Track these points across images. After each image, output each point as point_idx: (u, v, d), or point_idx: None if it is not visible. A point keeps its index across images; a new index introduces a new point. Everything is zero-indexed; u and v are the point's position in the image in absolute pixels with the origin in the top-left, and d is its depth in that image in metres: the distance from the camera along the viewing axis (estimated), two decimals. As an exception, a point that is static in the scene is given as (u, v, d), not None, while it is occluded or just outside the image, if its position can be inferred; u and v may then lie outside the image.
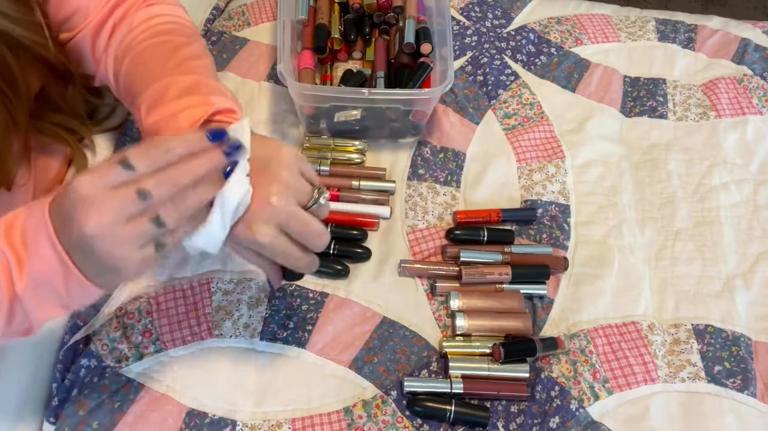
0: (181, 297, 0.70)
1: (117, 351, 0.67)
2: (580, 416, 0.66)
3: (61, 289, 0.45)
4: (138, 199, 0.41)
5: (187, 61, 0.57)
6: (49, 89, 0.61)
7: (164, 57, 0.57)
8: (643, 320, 0.74)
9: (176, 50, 0.58)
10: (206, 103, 0.52)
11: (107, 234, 0.41)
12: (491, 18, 0.99)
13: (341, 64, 0.92)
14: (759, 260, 0.80)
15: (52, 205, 0.44)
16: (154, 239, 0.44)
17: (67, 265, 0.43)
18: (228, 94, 0.56)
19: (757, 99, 0.93)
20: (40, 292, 0.45)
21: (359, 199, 0.79)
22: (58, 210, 0.43)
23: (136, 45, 0.59)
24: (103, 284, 0.46)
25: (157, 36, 0.60)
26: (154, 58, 0.58)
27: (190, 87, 0.54)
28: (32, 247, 0.44)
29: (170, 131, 0.51)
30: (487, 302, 0.72)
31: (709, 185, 0.85)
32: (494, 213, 0.79)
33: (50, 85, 0.61)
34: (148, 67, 0.57)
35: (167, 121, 0.52)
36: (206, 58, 0.60)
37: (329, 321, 0.70)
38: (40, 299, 0.45)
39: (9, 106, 0.54)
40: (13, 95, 0.54)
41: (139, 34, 0.60)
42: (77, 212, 0.41)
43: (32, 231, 0.44)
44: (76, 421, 0.63)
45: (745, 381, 0.70)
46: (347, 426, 0.65)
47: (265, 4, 0.97)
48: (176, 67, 0.56)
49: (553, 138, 0.87)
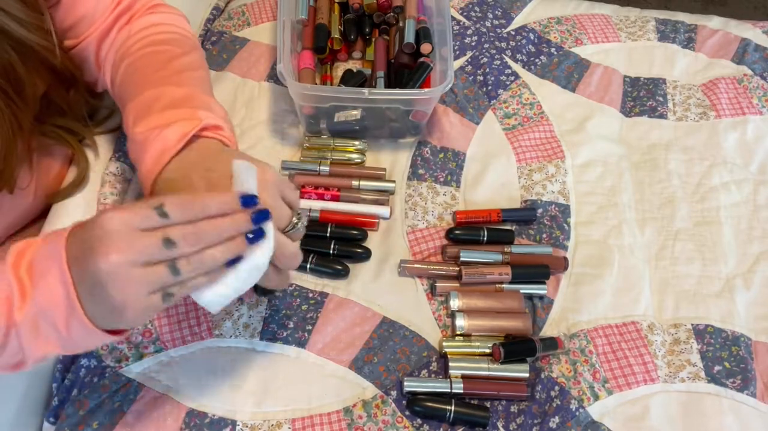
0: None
1: (117, 351, 0.67)
2: (580, 416, 0.66)
3: (61, 325, 0.44)
4: (162, 246, 0.42)
5: (181, 73, 0.58)
6: (53, 93, 0.62)
7: (157, 67, 0.58)
8: (643, 320, 0.74)
9: (170, 61, 0.59)
10: (194, 117, 0.53)
11: (122, 273, 0.41)
12: (491, 18, 0.99)
13: (341, 64, 0.92)
14: (759, 260, 0.80)
15: (71, 236, 0.44)
16: (164, 289, 0.44)
17: (72, 299, 0.43)
18: (217, 110, 0.56)
19: (757, 99, 0.93)
20: (39, 325, 0.44)
21: (359, 199, 0.79)
22: (78, 240, 0.43)
23: (132, 53, 0.60)
24: (103, 328, 0.45)
25: (154, 45, 0.60)
26: (147, 66, 0.58)
27: (180, 99, 0.54)
28: (39, 277, 0.44)
29: (157, 143, 0.51)
30: (487, 302, 0.72)
31: (709, 185, 0.85)
32: (494, 213, 0.79)
33: (54, 89, 0.61)
34: (141, 75, 0.58)
35: (154, 132, 0.52)
36: (201, 71, 0.61)
37: (329, 321, 0.70)
38: (38, 332, 0.45)
39: (15, 110, 0.54)
40: (19, 99, 0.55)
41: (137, 42, 0.61)
42: (100, 244, 0.41)
43: (43, 261, 0.44)
44: (76, 421, 0.63)
45: (745, 381, 0.70)
46: (347, 426, 0.65)
47: (265, 4, 0.97)
48: (168, 77, 0.57)
49: (553, 138, 0.87)
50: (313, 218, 0.77)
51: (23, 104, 0.55)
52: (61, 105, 0.64)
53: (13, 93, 0.54)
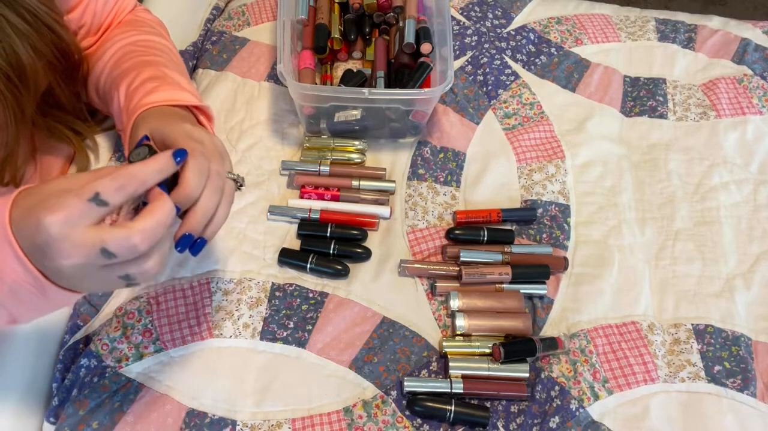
0: (181, 297, 0.70)
1: (117, 350, 0.67)
2: (580, 416, 0.66)
3: (37, 293, 0.44)
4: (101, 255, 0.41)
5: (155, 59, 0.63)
6: (55, 88, 0.63)
7: (135, 61, 0.63)
8: (643, 320, 0.74)
9: (145, 54, 0.64)
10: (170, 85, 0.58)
11: (78, 273, 0.42)
12: (491, 18, 0.99)
13: (341, 64, 0.92)
14: (759, 260, 0.80)
15: (13, 216, 0.42)
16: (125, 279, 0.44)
17: (37, 277, 0.43)
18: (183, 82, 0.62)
19: (757, 99, 0.93)
20: (18, 294, 0.44)
21: (359, 199, 0.79)
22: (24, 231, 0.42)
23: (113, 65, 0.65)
24: (85, 292, 0.46)
25: (130, 48, 0.66)
26: (126, 62, 0.63)
27: (156, 75, 0.59)
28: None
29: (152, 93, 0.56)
30: (487, 302, 0.72)
31: (709, 185, 0.85)
32: (494, 213, 0.79)
33: (56, 84, 0.63)
34: (121, 70, 0.62)
35: (138, 102, 0.56)
36: (173, 55, 0.68)
37: (329, 321, 0.70)
38: (20, 299, 0.45)
39: (18, 96, 0.55)
40: (22, 86, 0.56)
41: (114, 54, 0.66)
42: (50, 249, 0.40)
43: None
44: (76, 421, 0.63)
45: (745, 381, 0.70)
46: (347, 426, 0.65)
47: (265, 4, 0.97)
48: (146, 64, 0.62)
49: (553, 138, 0.87)
50: (312, 219, 0.77)
51: (26, 91, 0.56)
52: (63, 100, 0.65)
53: (16, 78, 0.54)
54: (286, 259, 0.73)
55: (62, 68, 0.62)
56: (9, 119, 0.55)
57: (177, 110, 0.57)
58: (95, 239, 0.40)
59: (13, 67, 0.54)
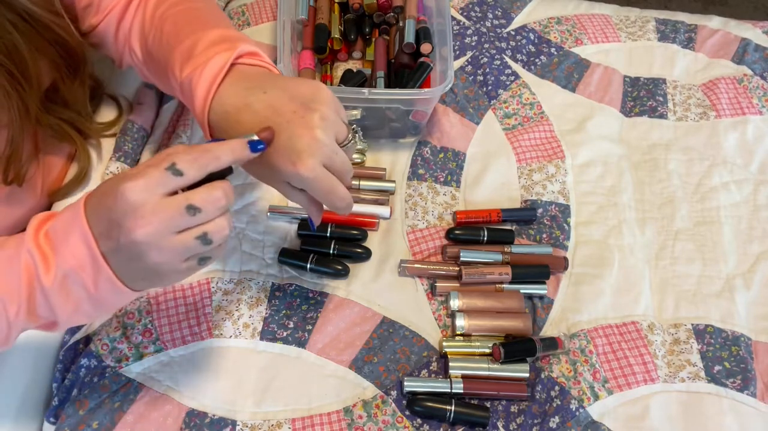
0: (181, 297, 0.70)
1: (117, 350, 0.67)
2: (580, 416, 0.66)
3: (90, 285, 0.45)
4: (186, 214, 0.43)
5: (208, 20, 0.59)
6: (59, 85, 0.63)
7: (188, 19, 0.60)
8: (643, 320, 0.74)
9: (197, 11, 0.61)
10: (230, 48, 0.54)
11: (155, 244, 0.42)
12: (491, 18, 0.99)
13: (341, 64, 0.92)
14: (759, 260, 0.80)
15: (88, 206, 0.45)
16: (198, 255, 0.45)
17: (97, 259, 0.44)
18: (250, 41, 0.57)
19: (757, 99, 0.93)
20: (68, 287, 0.45)
21: (359, 199, 0.79)
22: (101, 214, 0.44)
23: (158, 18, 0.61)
24: (137, 288, 0.47)
25: (177, 5, 0.62)
26: (178, 23, 0.60)
27: (216, 39, 0.56)
28: (61, 243, 0.45)
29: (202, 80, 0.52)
30: (487, 302, 0.72)
31: (709, 185, 0.85)
32: (494, 213, 0.79)
33: (60, 81, 0.63)
34: (175, 30, 0.59)
35: (197, 71, 0.53)
36: (222, 12, 0.63)
37: (329, 321, 0.70)
38: (68, 295, 0.46)
39: (21, 93, 0.56)
40: (24, 82, 0.56)
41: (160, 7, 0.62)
42: (127, 219, 0.42)
43: (62, 228, 0.45)
44: (76, 421, 0.63)
45: (745, 381, 0.70)
46: (347, 426, 0.65)
47: (265, 4, 0.97)
48: (202, 25, 0.58)
49: (553, 138, 0.87)
50: None
51: (29, 87, 0.57)
52: (67, 98, 0.65)
53: (18, 74, 0.55)
54: (286, 259, 0.73)
55: (66, 65, 0.62)
56: (14, 116, 0.55)
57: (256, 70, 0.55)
58: (180, 199, 0.43)
59: (16, 64, 0.54)
